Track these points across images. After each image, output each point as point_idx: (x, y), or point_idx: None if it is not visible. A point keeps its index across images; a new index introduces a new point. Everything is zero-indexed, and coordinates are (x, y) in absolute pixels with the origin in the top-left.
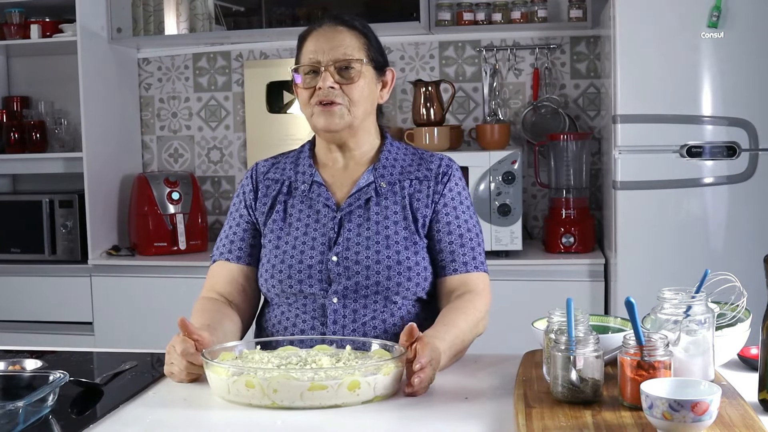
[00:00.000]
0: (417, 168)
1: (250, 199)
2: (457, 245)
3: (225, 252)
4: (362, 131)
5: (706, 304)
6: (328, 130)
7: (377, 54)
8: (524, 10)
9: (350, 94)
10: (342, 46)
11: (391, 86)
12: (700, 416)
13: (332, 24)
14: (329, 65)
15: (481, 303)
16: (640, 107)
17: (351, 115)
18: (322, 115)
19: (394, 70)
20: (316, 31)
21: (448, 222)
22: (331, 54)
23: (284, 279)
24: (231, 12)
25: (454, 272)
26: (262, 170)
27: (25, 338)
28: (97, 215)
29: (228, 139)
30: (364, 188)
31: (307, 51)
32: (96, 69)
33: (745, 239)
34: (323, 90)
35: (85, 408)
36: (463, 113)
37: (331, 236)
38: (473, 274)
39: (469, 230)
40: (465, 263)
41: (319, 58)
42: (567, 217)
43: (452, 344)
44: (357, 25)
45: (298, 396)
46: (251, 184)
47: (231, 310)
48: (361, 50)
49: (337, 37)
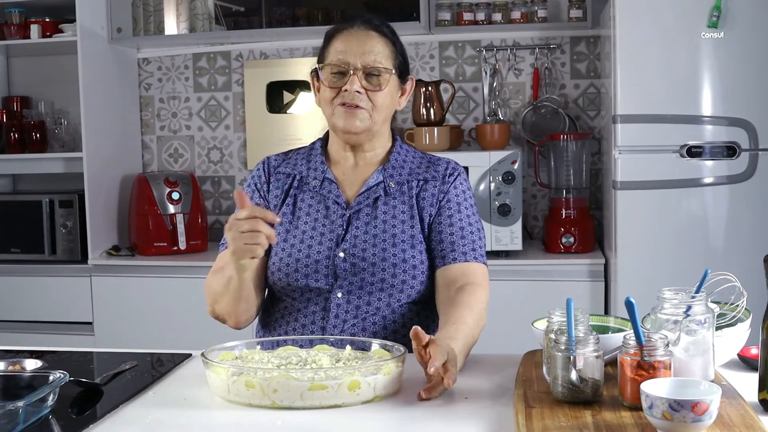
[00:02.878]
0: (425, 170)
1: (264, 191)
2: (457, 236)
3: None
4: (378, 135)
5: (706, 304)
6: (348, 131)
7: (402, 62)
8: (524, 10)
9: (374, 101)
10: (373, 53)
11: (409, 93)
12: (700, 416)
13: (364, 27)
14: (358, 69)
15: (483, 294)
16: (640, 107)
17: (372, 120)
18: (344, 117)
19: (413, 78)
20: (347, 31)
21: (450, 215)
22: (362, 59)
23: (291, 273)
24: (231, 12)
25: (454, 261)
26: (274, 164)
27: (25, 338)
28: (97, 215)
29: (228, 139)
30: (373, 187)
31: (335, 50)
32: (96, 69)
33: (745, 239)
34: (349, 93)
35: (85, 408)
36: (463, 113)
37: (339, 233)
38: (473, 264)
39: (470, 224)
40: (465, 253)
41: (348, 59)
42: (567, 217)
43: (465, 343)
44: (387, 32)
45: (298, 396)
46: (264, 176)
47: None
48: (389, 59)
49: (369, 42)
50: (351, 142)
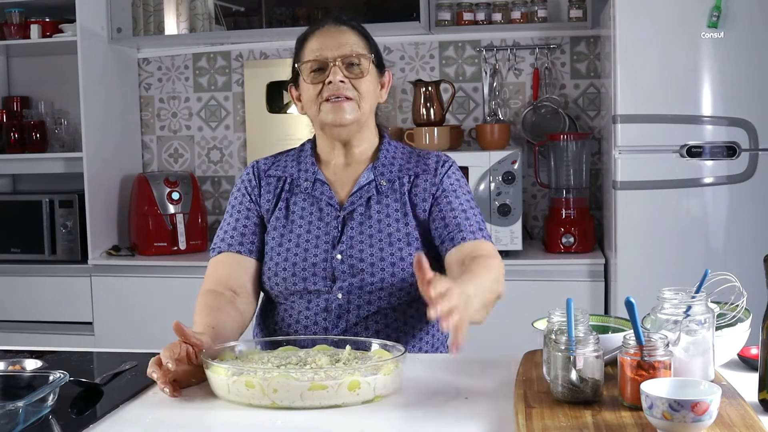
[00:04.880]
0: (415, 164)
1: (255, 195)
2: (462, 218)
3: (235, 244)
4: (366, 128)
5: (706, 304)
6: (338, 124)
7: (377, 54)
8: (524, 10)
9: (359, 89)
10: (348, 44)
11: (388, 87)
12: (700, 416)
13: (335, 24)
14: (337, 60)
15: (498, 263)
16: (640, 107)
17: (360, 110)
18: (332, 111)
19: (390, 71)
20: (319, 30)
21: (449, 201)
22: (339, 50)
23: (288, 277)
24: (231, 12)
25: (463, 240)
26: (263, 167)
27: (25, 338)
28: (97, 215)
29: (228, 139)
30: (365, 186)
31: (310, 49)
32: (96, 69)
33: (745, 239)
34: (334, 84)
35: (85, 408)
36: (463, 113)
37: (334, 234)
38: (483, 241)
39: (471, 207)
40: (473, 231)
41: (326, 54)
42: (567, 217)
43: (479, 287)
44: (358, 26)
45: (298, 396)
46: (255, 180)
47: (234, 307)
48: (365, 48)
49: (342, 36)
50: (341, 137)
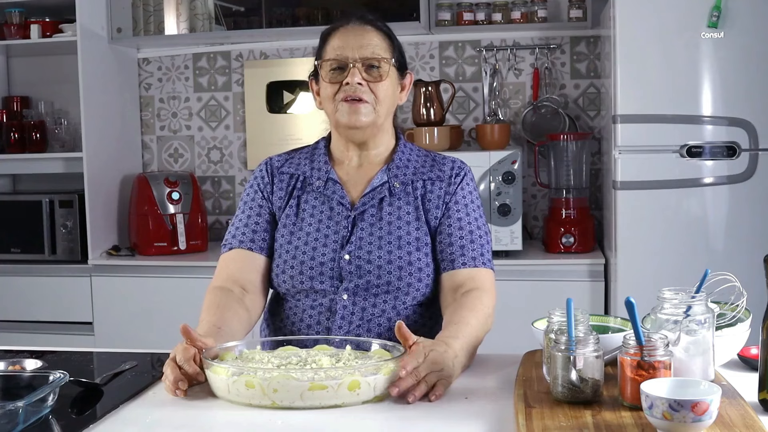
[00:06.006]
0: (430, 169)
1: (268, 192)
2: (467, 240)
3: (246, 241)
4: (382, 131)
5: (706, 304)
6: (353, 126)
7: (400, 56)
8: (524, 10)
9: (377, 92)
10: (370, 45)
11: (408, 89)
12: (700, 416)
13: (360, 23)
14: (357, 62)
15: (489, 300)
16: (640, 107)
17: (376, 113)
18: (348, 112)
19: (412, 73)
20: (343, 28)
21: (459, 218)
22: (360, 51)
23: (295, 275)
24: (231, 12)
25: (463, 266)
26: (277, 164)
27: (25, 338)
28: (97, 215)
29: (228, 139)
30: (378, 188)
31: (332, 47)
32: (96, 69)
33: (745, 239)
34: (351, 86)
35: (85, 408)
36: (463, 113)
37: (344, 234)
38: (481, 269)
39: (479, 227)
40: (474, 258)
41: (347, 54)
42: (567, 217)
43: (467, 342)
44: (383, 27)
45: (298, 396)
46: (267, 176)
47: (242, 305)
48: (387, 51)
49: (366, 35)
50: (355, 139)
